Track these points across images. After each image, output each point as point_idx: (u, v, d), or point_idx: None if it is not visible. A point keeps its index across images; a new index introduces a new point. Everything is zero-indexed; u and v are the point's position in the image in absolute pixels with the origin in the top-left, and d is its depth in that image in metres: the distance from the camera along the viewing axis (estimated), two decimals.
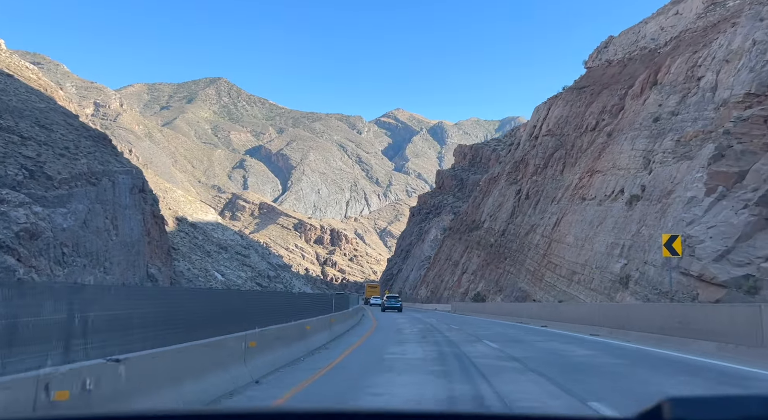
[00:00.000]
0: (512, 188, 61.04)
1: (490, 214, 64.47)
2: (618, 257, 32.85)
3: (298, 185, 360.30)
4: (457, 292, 63.67)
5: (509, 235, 56.16)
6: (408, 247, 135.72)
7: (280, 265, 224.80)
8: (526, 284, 46.77)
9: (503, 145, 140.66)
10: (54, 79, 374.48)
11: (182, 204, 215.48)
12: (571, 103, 57.23)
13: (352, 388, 9.17)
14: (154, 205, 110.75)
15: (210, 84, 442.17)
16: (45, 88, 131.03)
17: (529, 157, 60.85)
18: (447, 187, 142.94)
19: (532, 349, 14.86)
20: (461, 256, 69.64)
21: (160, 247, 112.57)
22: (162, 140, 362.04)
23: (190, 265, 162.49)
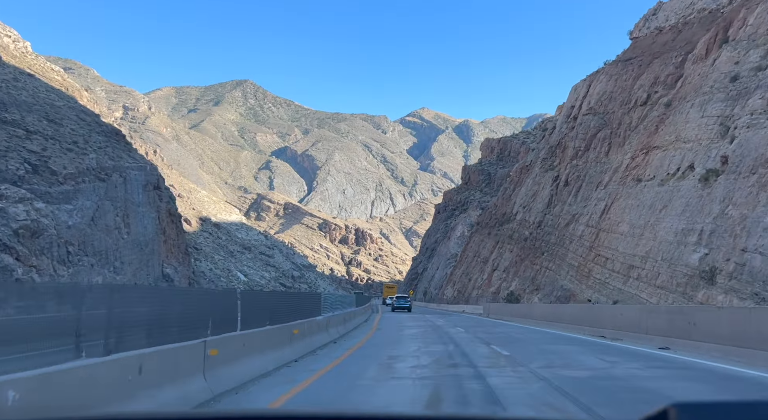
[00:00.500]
0: (548, 175, 53.87)
1: (523, 205, 57.36)
2: (695, 246, 25.68)
3: (323, 186, 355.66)
4: (487, 291, 56.67)
5: (546, 227, 49.07)
6: (433, 246, 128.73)
7: (304, 266, 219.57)
8: (569, 282, 39.73)
9: (533, 138, 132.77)
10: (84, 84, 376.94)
11: (206, 204, 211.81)
12: (615, 77, 49.91)
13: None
14: (170, 202, 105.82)
15: (236, 86, 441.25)
16: (66, 88, 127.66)
17: (567, 140, 53.67)
18: (474, 183, 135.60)
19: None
20: (491, 253, 62.61)
21: (176, 246, 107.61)
22: (189, 142, 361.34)
23: (212, 265, 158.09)
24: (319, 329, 15.49)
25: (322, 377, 10.18)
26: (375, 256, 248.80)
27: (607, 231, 37.08)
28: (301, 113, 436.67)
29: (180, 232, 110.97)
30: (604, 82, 50.99)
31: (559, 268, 43.39)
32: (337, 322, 19.28)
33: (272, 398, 8.19)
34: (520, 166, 70.31)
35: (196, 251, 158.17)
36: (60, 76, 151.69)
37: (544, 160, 58.40)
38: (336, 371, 11.03)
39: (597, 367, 11.09)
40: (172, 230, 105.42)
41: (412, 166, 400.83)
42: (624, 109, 46.43)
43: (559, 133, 58.16)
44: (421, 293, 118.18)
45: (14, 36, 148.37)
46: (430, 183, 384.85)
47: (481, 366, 11.39)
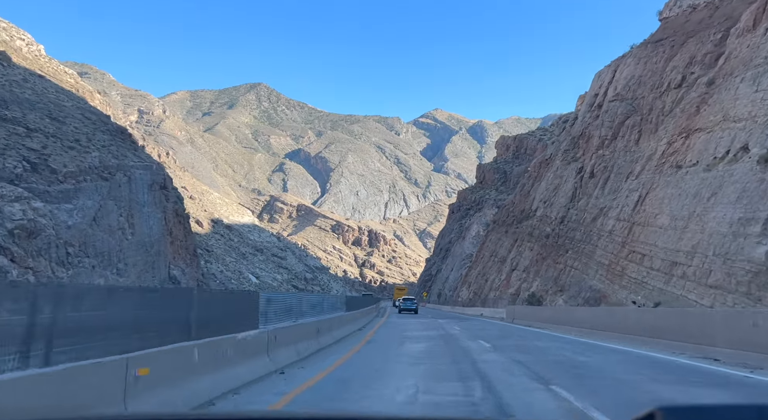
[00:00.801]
0: (571, 167, 49.62)
1: (544, 200, 53.13)
2: (759, 237, 21.46)
3: (336, 187, 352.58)
4: (505, 292, 52.48)
5: (570, 223, 44.85)
6: (447, 246, 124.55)
7: (317, 267, 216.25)
8: (599, 281, 35.51)
9: (550, 135, 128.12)
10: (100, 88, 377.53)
11: (219, 206, 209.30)
12: (644, 60, 45.60)
13: None
14: (177, 203, 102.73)
15: (250, 89, 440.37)
16: (77, 90, 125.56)
17: (591, 130, 49.40)
18: (489, 181, 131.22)
19: None
20: (509, 251, 58.39)
21: (184, 247, 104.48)
22: (203, 145, 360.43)
23: (223, 267, 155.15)
24: (241, 355, 10.17)
25: None
26: (388, 258, 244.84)
27: (642, 224, 32.84)
28: (315, 115, 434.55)
29: (188, 233, 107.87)
30: (632, 66, 46.71)
31: (586, 267, 39.16)
32: (299, 336, 14.44)
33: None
34: (539, 160, 66.01)
35: (207, 253, 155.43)
36: (73, 79, 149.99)
37: (565, 152, 54.11)
38: None
39: None
40: (179, 231, 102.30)
41: (426, 168, 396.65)
42: (655, 93, 42.10)
43: (582, 123, 53.86)
44: (435, 295, 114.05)
45: (28, 39, 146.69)
46: (444, 184, 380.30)
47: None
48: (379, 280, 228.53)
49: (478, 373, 10.98)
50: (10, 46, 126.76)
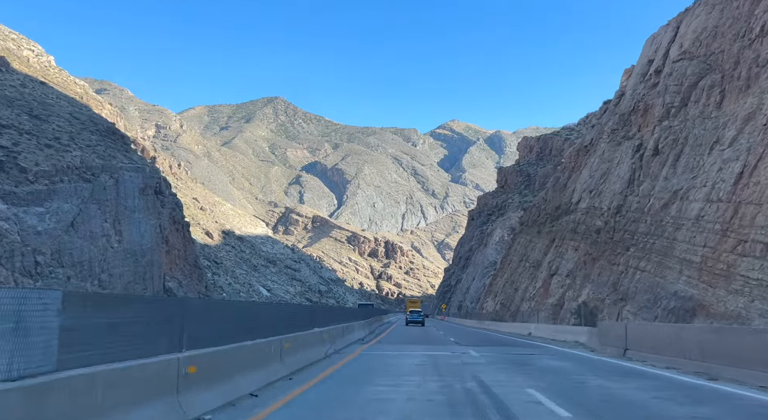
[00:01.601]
0: (625, 148, 39.09)
1: (589, 189, 42.59)
2: None
3: (353, 199, 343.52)
4: (543, 303, 41.82)
5: (630, 213, 34.31)
6: (467, 254, 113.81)
7: (332, 280, 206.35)
8: (688, 286, 24.95)
9: (577, 134, 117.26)
10: (118, 104, 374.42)
11: (231, 217, 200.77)
12: (720, 6, 35.25)
13: None
14: (175, 209, 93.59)
15: (267, 103, 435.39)
16: (81, 97, 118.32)
17: (648, 100, 39.01)
18: (511, 185, 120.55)
19: None
20: (544, 254, 47.78)
21: (183, 257, 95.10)
22: (220, 159, 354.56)
23: (232, 279, 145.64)
24: None
25: None
26: (406, 270, 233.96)
27: (756, 203, 22.37)
28: (331, 128, 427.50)
29: (188, 242, 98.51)
30: (703, 16, 36.44)
31: (661, 268, 28.57)
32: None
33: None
34: (576, 148, 55.48)
35: (216, 265, 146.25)
36: (82, 89, 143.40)
37: (613, 132, 43.63)
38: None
39: None
40: (177, 240, 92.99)
41: (443, 179, 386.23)
42: (742, 43, 31.70)
43: (632, 98, 43.39)
44: (454, 307, 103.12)
45: (37, 50, 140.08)
46: (462, 195, 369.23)
47: None
48: (396, 292, 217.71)
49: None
50: (16, 54, 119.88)
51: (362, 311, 28.81)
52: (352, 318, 23.78)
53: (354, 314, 26.86)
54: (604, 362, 14.35)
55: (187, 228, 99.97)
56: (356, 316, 26.30)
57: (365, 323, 28.20)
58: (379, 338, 25.06)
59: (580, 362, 14.49)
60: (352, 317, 26.76)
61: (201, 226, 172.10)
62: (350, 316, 24.14)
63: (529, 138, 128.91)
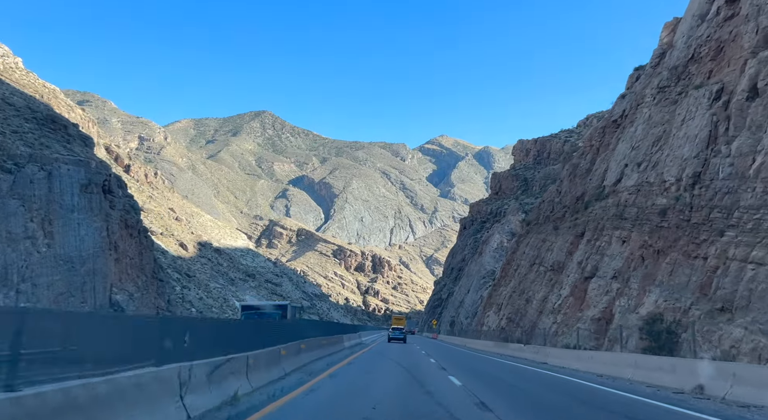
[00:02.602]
0: (692, 99, 27.37)
1: (633, 162, 30.77)
2: None
3: (341, 213, 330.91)
4: (574, 316, 29.65)
5: (717, 181, 22.49)
6: (460, 265, 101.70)
7: (316, 295, 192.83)
8: None
9: (577, 136, 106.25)
10: (101, 116, 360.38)
11: (209, 229, 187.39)
12: None
13: None
14: (130, 212, 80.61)
15: (255, 117, 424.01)
16: (41, 95, 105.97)
17: (721, 37, 27.62)
18: (506, 190, 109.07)
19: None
20: (569, 253, 35.75)
21: (138, 267, 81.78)
22: (205, 172, 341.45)
23: (205, 293, 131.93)
24: None
25: None
26: (394, 285, 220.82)
27: None
28: (319, 142, 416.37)
29: (145, 249, 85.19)
30: None
31: None
32: None
33: None
34: (602, 125, 43.82)
35: (187, 278, 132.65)
36: (51, 92, 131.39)
37: (663, 90, 32.06)
38: None
39: None
40: (130, 247, 79.80)
41: (432, 193, 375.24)
42: None
43: (687, 45, 31.95)
44: (446, 323, 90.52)
45: (4, 51, 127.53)
46: (450, 210, 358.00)
47: None
48: (383, 308, 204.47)
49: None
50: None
51: (254, 327, 13.79)
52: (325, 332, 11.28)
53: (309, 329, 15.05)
54: None
55: (145, 234, 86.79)
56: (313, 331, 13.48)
57: (294, 345, 15.38)
58: (351, 359, 12.29)
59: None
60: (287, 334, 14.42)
61: (175, 237, 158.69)
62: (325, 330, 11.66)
63: (525, 141, 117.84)
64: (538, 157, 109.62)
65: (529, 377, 18.25)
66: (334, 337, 25.79)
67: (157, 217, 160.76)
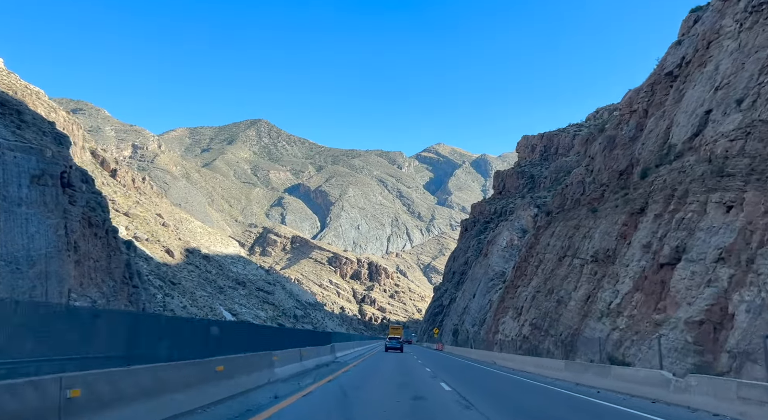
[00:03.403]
0: None
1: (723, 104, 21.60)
2: None
3: (337, 221, 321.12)
4: (646, 319, 20.11)
5: None
6: (462, 269, 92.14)
7: (310, 303, 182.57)
8: None
9: (588, 128, 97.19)
10: (94, 124, 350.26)
11: (199, 235, 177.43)
12: None
13: None
14: (96, 210, 71.14)
15: (251, 126, 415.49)
16: (14, 92, 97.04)
17: None
18: (512, 189, 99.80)
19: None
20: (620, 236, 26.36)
21: (103, 270, 71.74)
22: (199, 180, 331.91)
23: (190, 301, 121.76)
24: None
25: None
26: (391, 293, 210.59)
27: None
28: (315, 150, 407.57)
29: (114, 251, 75.20)
30: None
31: None
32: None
33: None
34: (650, 82, 34.57)
35: (171, 285, 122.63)
36: (34, 94, 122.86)
37: (757, 10, 23.06)
38: None
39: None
40: (95, 248, 69.84)
41: (429, 201, 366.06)
42: None
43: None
44: (448, 332, 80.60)
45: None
46: (448, 217, 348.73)
47: None
48: (380, 317, 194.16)
49: None
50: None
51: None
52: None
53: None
54: None
55: (114, 234, 76.95)
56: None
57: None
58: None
59: None
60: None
61: (161, 243, 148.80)
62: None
63: (531, 137, 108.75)
64: (544, 153, 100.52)
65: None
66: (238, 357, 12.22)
67: (142, 223, 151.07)
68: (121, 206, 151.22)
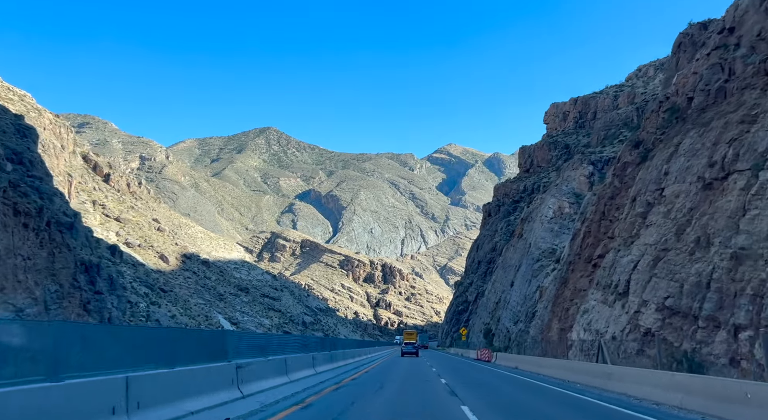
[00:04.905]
0: None
1: None
2: None
3: (349, 225, 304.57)
4: None
5: None
6: (490, 256, 74.80)
7: (321, 309, 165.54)
8: None
9: (629, 88, 79.48)
10: (102, 137, 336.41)
11: (199, 240, 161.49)
12: None
13: None
14: (29, 196, 55.52)
15: (260, 134, 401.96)
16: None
17: None
18: (542, 163, 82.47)
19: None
20: None
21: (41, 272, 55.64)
22: (209, 190, 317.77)
23: (182, 310, 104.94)
24: None
25: None
26: (407, 295, 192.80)
27: None
28: (326, 156, 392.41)
29: (58, 249, 58.90)
30: None
31: None
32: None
33: None
34: None
35: (160, 293, 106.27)
36: (18, 97, 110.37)
37: None
38: None
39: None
40: (23, 242, 53.73)
41: (443, 202, 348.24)
42: None
43: None
44: (477, 332, 62.96)
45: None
46: (462, 217, 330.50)
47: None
48: (396, 321, 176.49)
49: None
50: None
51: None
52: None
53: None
54: None
55: (61, 228, 60.65)
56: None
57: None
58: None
59: None
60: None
61: (155, 249, 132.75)
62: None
63: (561, 104, 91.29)
64: (580, 120, 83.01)
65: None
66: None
67: (135, 228, 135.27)
68: (112, 211, 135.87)
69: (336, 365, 24.56)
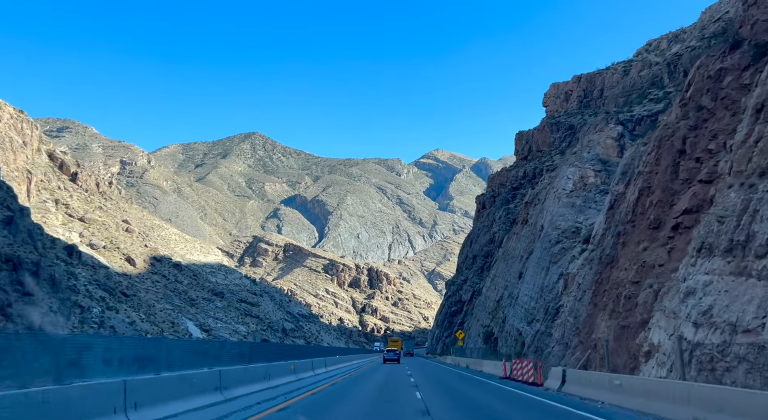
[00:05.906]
0: None
1: None
2: None
3: (335, 230, 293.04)
4: None
5: None
6: (487, 249, 64.33)
7: (303, 315, 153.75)
8: None
9: (639, 63, 69.73)
10: (81, 141, 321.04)
11: (173, 243, 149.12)
12: None
13: None
14: None
15: (245, 139, 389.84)
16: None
17: None
18: (543, 147, 72.45)
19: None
20: None
21: None
22: (192, 195, 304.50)
23: (142, 316, 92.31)
24: None
25: None
26: (393, 300, 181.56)
27: None
28: (312, 161, 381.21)
29: None
30: None
31: None
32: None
33: None
34: None
35: (121, 298, 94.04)
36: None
37: None
38: None
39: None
40: None
41: (430, 207, 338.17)
42: None
43: None
44: (475, 336, 52.12)
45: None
46: (450, 222, 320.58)
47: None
48: (383, 327, 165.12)
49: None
50: None
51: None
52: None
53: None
54: None
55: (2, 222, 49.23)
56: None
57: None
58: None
59: None
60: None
61: (121, 251, 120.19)
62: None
63: (562, 84, 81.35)
64: (585, 99, 73.12)
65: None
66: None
67: (100, 228, 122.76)
68: (76, 210, 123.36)
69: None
